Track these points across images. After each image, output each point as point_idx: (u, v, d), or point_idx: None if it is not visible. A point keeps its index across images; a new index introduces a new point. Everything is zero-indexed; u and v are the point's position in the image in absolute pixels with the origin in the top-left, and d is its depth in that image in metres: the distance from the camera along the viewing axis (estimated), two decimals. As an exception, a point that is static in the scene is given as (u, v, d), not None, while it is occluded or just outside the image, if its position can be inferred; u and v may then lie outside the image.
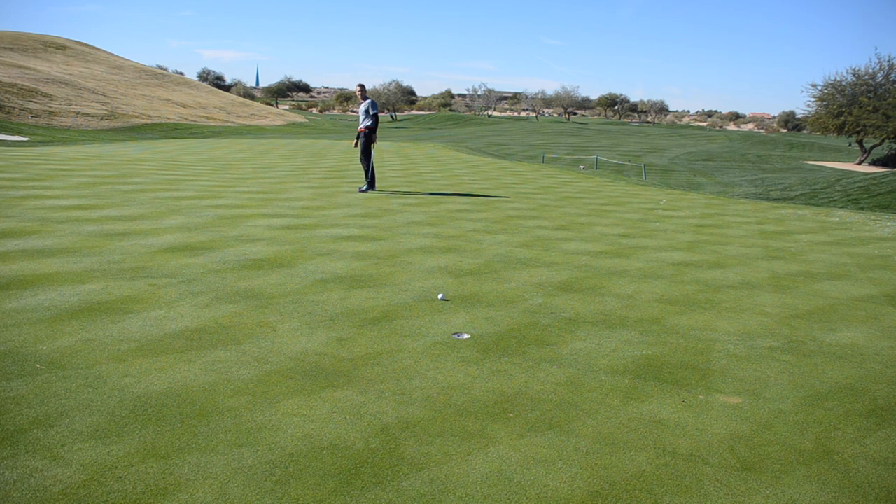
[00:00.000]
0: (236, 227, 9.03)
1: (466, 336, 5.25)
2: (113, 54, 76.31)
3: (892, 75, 55.65)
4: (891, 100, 52.76)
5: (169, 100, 61.70)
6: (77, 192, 11.15)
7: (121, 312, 5.31)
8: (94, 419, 3.59)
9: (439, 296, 6.07)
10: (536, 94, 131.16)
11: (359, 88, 14.24)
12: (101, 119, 46.40)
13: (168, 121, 52.20)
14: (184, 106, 61.18)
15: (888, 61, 55.29)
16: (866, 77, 56.32)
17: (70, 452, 3.26)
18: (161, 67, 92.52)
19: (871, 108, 53.34)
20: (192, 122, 54.58)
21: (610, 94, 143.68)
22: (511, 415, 3.95)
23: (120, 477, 3.09)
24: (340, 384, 4.24)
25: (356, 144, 14.16)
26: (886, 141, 56.05)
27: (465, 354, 4.87)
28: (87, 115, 46.23)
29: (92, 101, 50.10)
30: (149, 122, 49.68)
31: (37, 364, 4.24)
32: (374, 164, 14.85)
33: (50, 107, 44.72)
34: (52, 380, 4.03)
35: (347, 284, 6.53)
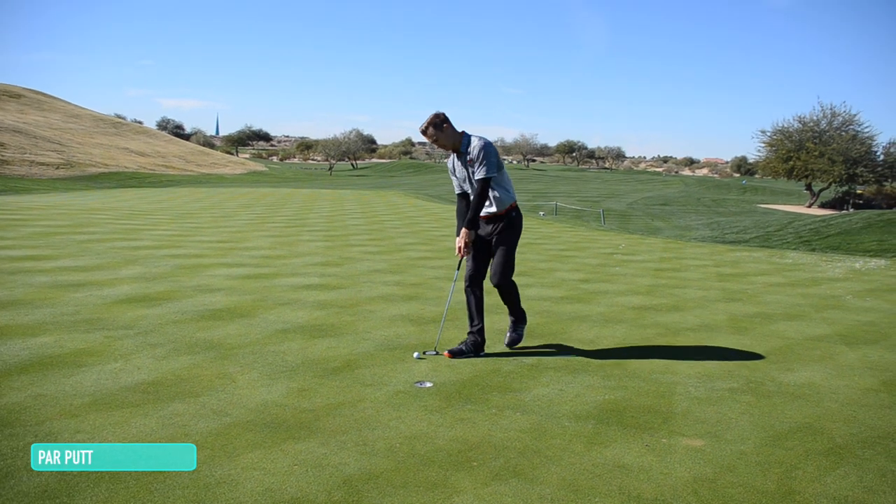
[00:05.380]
0: (195, 276, 8.90)
1: (429, 384, 5.21)
2: (70, 103, 75.59)
3: (835, 122, 58.16)
4: (835, 146, 54.95)
5: (127, 148, 61.09)
6: (30, 243, 10.89)
7: (74, 366, 5.15)
8: (42, 479, 3.45)
9: (415, 354, 5.90)
10: (496, 141, 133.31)
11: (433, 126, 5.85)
12: (57, 168, 45.69)
13: (126, 170, 51.61)
14: (142, 155, 60.61)
15: (830, 109, 57.85)
16: (811, 124, 58.71)
17: (16, 515, 3.12)
18: (119, 116, 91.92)
19: (817, 153, 55.48)
20: (151, 171, 54.05)
21: (568, 141, 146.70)
22: (475, 463, 3.91)
23: (69, 540, 2.96)
24: (302, 436, 4.16)
25: (467, 250, 6.11)
26: (833, 184, 58.13)
27: (427, 403, 4.82)
28: (42, 163, 45.49)
29: (47, 150, 49.36)
30: (106, 170, 49.04)
31: (-17, 422, 4.07)
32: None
33: (2, 156, 43.91)
34: (-1, 438, 3.87)
35: (308, 334, 6.45)
